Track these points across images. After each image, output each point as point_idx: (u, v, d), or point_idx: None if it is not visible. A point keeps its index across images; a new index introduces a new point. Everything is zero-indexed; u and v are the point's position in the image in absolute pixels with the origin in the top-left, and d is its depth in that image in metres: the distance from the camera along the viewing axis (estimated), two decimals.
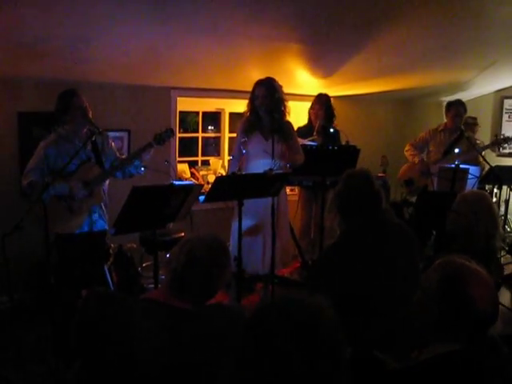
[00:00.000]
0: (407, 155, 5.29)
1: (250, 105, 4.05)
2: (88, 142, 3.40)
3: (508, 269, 4.96)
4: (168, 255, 1.99)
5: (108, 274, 3.87)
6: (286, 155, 4.06)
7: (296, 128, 5.15)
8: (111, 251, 4.26)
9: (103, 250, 3.69)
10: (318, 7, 3.65)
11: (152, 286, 3.74)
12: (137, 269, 4.51)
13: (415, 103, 7.07)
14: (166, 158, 4.43)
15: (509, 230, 6.22)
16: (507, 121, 6.76)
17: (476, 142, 5.29)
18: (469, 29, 4.34)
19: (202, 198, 3.52)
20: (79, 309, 1.77)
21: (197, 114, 5.97)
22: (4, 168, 4.17)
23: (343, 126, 5.24)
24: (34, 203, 3.10)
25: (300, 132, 5.00)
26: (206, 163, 6.00)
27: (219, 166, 5.90)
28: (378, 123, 6.73)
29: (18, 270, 3.61)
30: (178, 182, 3.98)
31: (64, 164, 3.21)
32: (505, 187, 5.43)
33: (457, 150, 4.84)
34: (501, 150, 6.55)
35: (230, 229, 4.07)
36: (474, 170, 4.52)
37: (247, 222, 3.79)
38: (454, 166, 4.36)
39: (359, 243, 2.48)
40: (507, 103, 6.75)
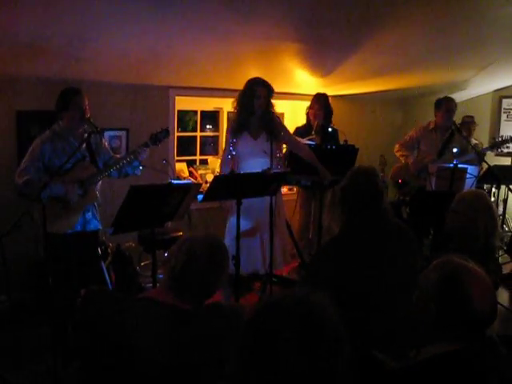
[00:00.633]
0: (398, 155, 5.18)
1: (242, 102, 3.96)
2: (83, 141, 3.40)
3: (506, 268, 4.96)
4: (166, 254, 2.00)
5: (106, 272, 3.87)
6: (280, 153, 4.05)
7: (294, 128, 5.16)
8: (109, 250, 4.27)
9: (96, 250, 3.69)
10: (317, 6, 3.65)
11: (150, 284, 3.73)
12: (135, 268, 4.51)
13: (413, 102, 7.07)
14: (164, 157, 4.43)
15: (507, 229, 6.22)
16: (505, 120, 6.76)
17: (471, 141, 5.29)
18: (467, 28, 4.34)
19: (200, 196, 3.52)
20: (78, 308, 1.77)
21: (195, 113, 5.97)
22: (2, 167, 4.16)
23: (341, 126, 5.24)
24: (33, 202, 3.11)
25: (298, 132, 5.00)
26: (204, 162, 6.01)
27: (217, 165, 5.89)
28: (376, 122, 6.74)
29: (16, 270, 3.62)
30: (176, 181, 3.98)
31: (62, 163, 3.20)
32: (503, 187, 5.43)
33: (455, 150, 4.82)
34: (499, 150, 6.56)
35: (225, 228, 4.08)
36: (472, 170, 4.52)
37: (244, 222, 3.79)
38: (452, 165, 4.36)
39: (358, 239, 2.49)
40: (505, 103, 6.75)
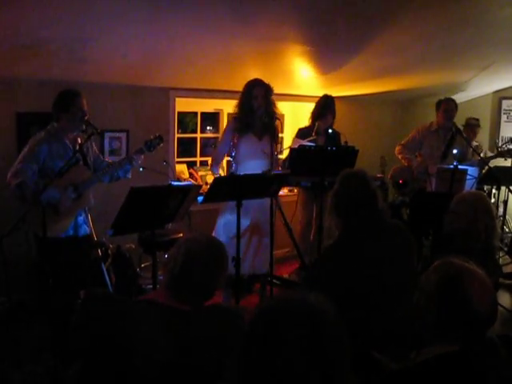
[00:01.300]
0: (400, 158, 5.18)
1: (243, 104, 4.01)
2: (84, 142, 3.40)
3: (507, 269, 4.96)
4: (166, 256, 2.00)
5: (106, 274, 3.87)
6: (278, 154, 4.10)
7: (297, 129, 5.15)
8: (110, 252, 4.27)
9: (89, 254, 3.69)
10: (317, 8, 3.65)
11: (150, 286, 3.73)
12: (135, 269, 4.51)
13: (414, 104, 7.07)
14: (164, 158, 4.43)
15: (507, 230, 6.22)
16: (505, 121, 6.76)
17: (473, 143, 5.29)
18: (467, 30, 4.34)
19: (200, 198, 3.52)
20: (77, 311, 1.77)
21: (195, 114, 5.97)
22: (2, 169, 4.16)
23: (342, 127, 5.23)
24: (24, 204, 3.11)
25: (301, 133, 4.96)
26: (204, 164, 6.00)
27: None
28: (376, 124, 6.74)
29: (16, 271, 3.61)
30: (176, 183, 3.98)
31: (57, 167, 3.20)
32: (503, 188, 5.43)
33: (455, 151, 4.82)
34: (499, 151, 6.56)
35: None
36: (472, 171, 4.52)
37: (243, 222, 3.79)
38: (452, 166, 4.36)
39: (356, 243, 2.49)
40: (505, 104, 6.75)
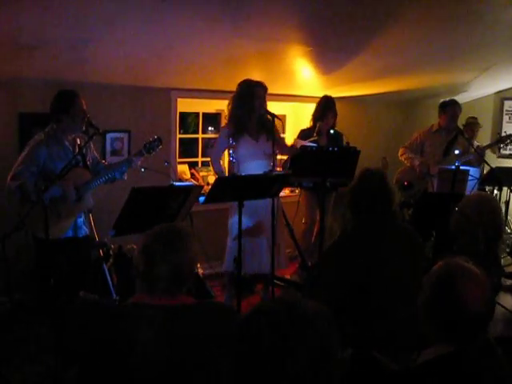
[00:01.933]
0: (403, 159, 5.19)
1: (243, 104, 3.99)
2: (86, 143, 3.41)
3: (508, 270, 4.96)
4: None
5: (108, 274, 3.88)
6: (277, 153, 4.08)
7: (299, 131, 5.15)
8: (111, 252, 4.27)
9: (89, 255, 3.69)
10: (319, 8, 3.65)
11: None
12: None
13: (415, 105, 7.07)
14: (166, 158, 4.43)
15: (509, 231, 6.21)
16: (508, 122, 6.75)
17: (474, 143, 5.28)
18: (469, 30, 4.34)
19: (202, 198, 3.53)
20: (68, 319, 1.78)
21: (197, 114, 5.97)
22: (4, 169, 4.16)
23: (343, 128, 5.24)
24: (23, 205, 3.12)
25: (303, 134, 4.98)
26: (206, 164, 6.01)
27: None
28: (378, 125, 6.74)
29: (16, 271, 3.62)
30: (177, 183, 3.99)
31: (58, 169, 3.20)
32: (505, 189, 5.43)
33: (457, 152, 4.82)
34: (501, 152, 6.56)
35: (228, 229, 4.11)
36: (474, 172, 4.52)
37: (247, 222, 3.78)
38: (454, 167, 4.36)
39: (366, 242, 2.49)
40: (507, 104, 6.74)
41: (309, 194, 5.12)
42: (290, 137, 6.07)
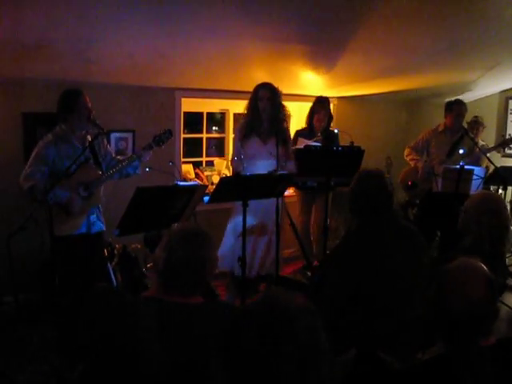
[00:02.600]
0: (408, 160, 5.17)
1: (250, 106, 4.06)
2: (87, 143, 3.42)
3: None
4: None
5: (113, 274, 3.88)
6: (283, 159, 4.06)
7: (294, 132, 5.15)
8: (116, 251, 4.28)
9: (101, 251, 3.70)
10: (322, 8, 3.65)
11: None
12: (141, 269, 4.51)
13: (419, 104, 7.05)
14: (170, 158, 4.43)
15: None
16: None
17: (478, 143, 5.26)
18: (473, 29, 4.32)
19: (206, 198, 3.53)
20: (84, 307, 1.79)
21: (201, 114, 5.96)
22: (8, 168, 4.18)
23: (347, 127, 5.23)
24: (37, 205, 3.12)
25: (300, 135, 4.98)
26: (210, 164, 6.01)
27: (223, 166, 5.90)
28: (382, 124, 6.72)
29: (22, 271, 3.63)
30: (182, 183, 3.99)
31: (66, 167, 3.20)
32: (510, 188, 5.41)
33: (461, 151, 4.80)
34: (506, 151, 6.53)
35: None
36: (478, 171, 4.50)
37: (250, 222, 3.78)
38: (458, 166, 4.34)
39: (369, 243, 2.49)
40: None
41: (303, 194, 5.13)
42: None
